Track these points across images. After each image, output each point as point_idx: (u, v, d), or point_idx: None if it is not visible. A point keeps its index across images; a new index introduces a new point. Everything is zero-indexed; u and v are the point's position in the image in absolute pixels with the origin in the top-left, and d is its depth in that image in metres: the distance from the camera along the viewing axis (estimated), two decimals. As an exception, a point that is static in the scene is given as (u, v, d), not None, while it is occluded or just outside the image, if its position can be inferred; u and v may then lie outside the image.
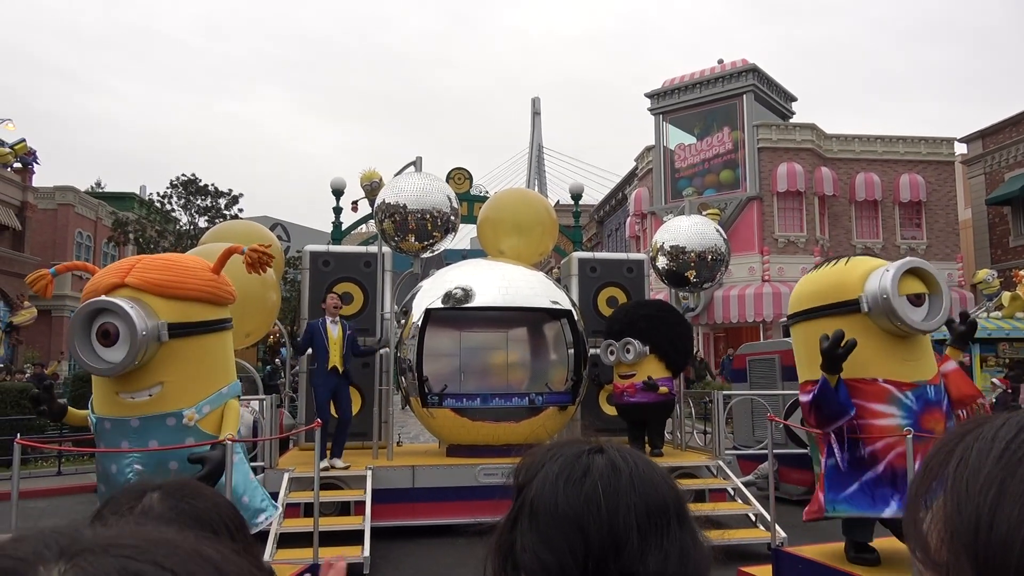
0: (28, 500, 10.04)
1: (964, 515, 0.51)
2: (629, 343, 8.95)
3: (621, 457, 0.91)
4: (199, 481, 1.01)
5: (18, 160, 27.37)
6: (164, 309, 4.53)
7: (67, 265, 5.39)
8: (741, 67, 26.54)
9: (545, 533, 0.85)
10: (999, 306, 14.26)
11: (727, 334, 26.70)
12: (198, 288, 4.70)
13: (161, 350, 4.52)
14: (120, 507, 0.94)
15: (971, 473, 0.53)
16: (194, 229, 25.48)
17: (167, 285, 4.59)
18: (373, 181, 12.27)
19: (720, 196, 25.96)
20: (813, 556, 5.52)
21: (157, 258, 4.97)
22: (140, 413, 4.57)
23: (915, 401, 5.07)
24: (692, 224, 9.89)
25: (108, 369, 4.47)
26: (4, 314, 19.52)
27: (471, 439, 9.06)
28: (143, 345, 4.38)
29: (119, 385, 4.59)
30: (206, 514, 0.94)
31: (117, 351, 4.43)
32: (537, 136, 63.35)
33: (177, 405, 4.59)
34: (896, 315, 4.95)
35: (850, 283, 5.20)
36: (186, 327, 4.61)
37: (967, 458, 0.54)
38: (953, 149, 27.58)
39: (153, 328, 4.44)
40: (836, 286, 5.27)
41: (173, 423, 4.59)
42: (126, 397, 4.59)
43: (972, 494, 0.52)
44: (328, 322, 8.34)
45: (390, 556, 7.37)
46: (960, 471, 0.54)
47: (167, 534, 0.52)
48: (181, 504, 0.94)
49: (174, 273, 4.68)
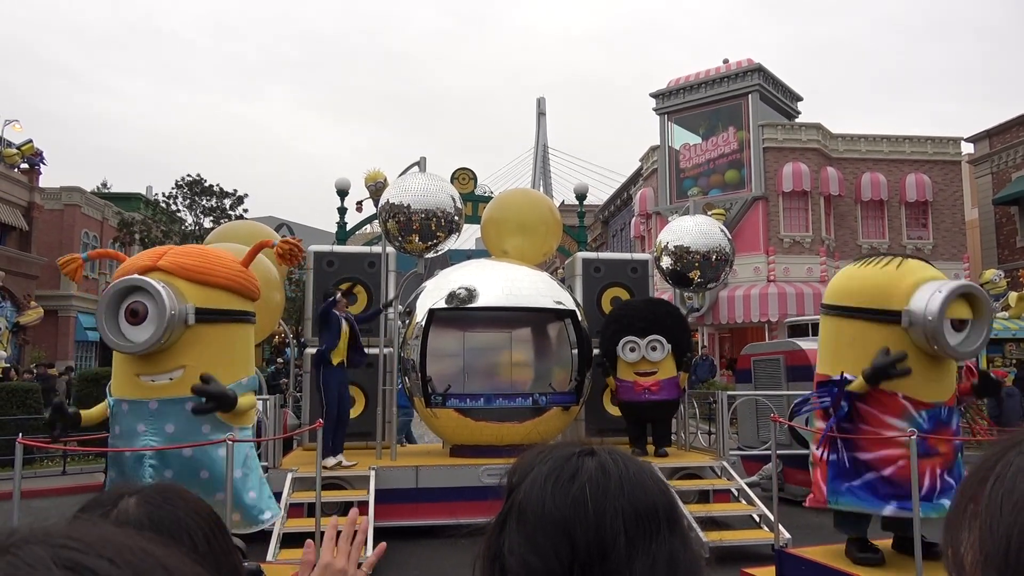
0: (33, 499, 10.08)
1: (996, 536, 0.49)
2: (656, 341, 8.90)
3: (611, 460, 0.89)
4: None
5: (25, 161, 27.48)
6: (193, 294, 4.62)
7: (100, 252, 5.65)
8: (746, 67, 26.48)
9: (532, 536, 0.84)
10: (1006, 306, 14.21)
11: (732, 334, 26.66)
12: (227, 277, 4.81)
13: (186, 334, 4.59)
14: (96, 512, 0.93)
15: (1006, 492, 0.51)
16: (199, 229, 25.55)
17: (197, 270, 4.70)
18: (377, 181, 12.28)
19: (725, 196, 25.91)
20: (817, 557, 5.49)
21: (190, 247, 5.16)
22: (159, 396, 4.63)
23: (927, 420, 5.02)
24: (697, 224, 9.86)
25: (134, 347, 4.53)
26: (11, 314, 19.59)
27: (475, 439, 9.05)
28: (171, 325, 4.46)
29: (141, 367, 4.65)
30: (184, 519, 0.93)
31: (144, 330, 4.51)
32: (542, 136, 63.34)
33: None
34: (936, 339, 4.86)
35: (898, 293, 5.05)
36: (212, 313, 4.70)
37: (1004, 476, 0.52)
38: (959, 149, 27.46)
39: (181, 310, 4.53)
40: (883, 292, 5.12)
41: (191, 407, 4.62)
42: (147, 380, 4.65)
43: (1005, 515, 0.50)
44: (341, 318, 8.39)
45: (394, 557, 7.36)
46: (996, 490, 0.52)
47: (109, 530, 0.51)
48: (158, 510, 0.93)
49: (205, 260, 4.80)
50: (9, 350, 18.59)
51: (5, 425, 13.03)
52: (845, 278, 5.47)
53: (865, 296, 5.21)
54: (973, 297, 5.05)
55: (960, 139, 27.48)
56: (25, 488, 6.17)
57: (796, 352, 10.98)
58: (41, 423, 14.19)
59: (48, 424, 4.96)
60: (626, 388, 9.07)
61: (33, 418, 13.65)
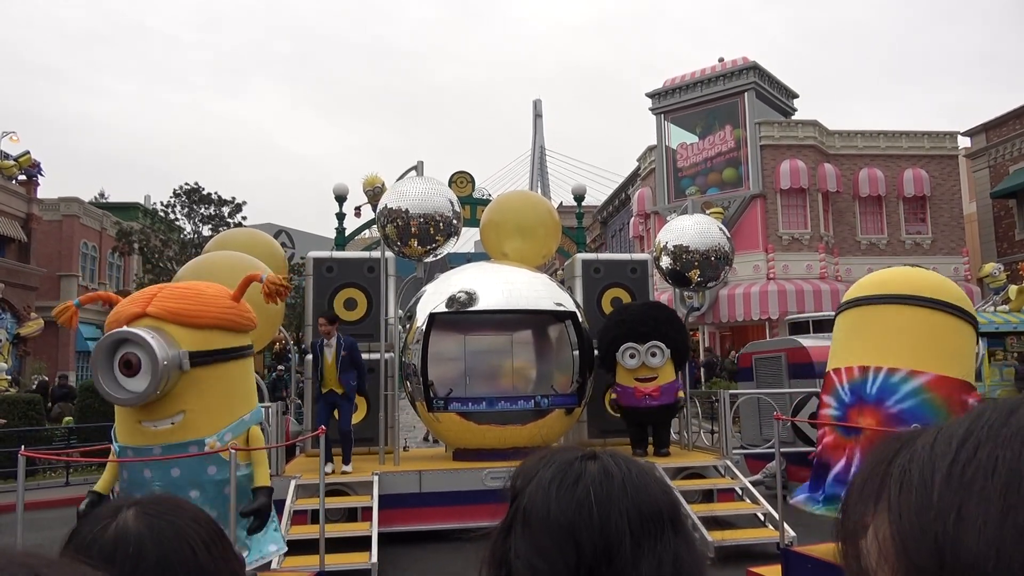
0: (36, 511, 10.06)
1: (924, 547, 0.48)
2: (656, 347, 8.89)
3: (615, 463, 0.89)
4: (182, 502, 1.00)
5: (23, 172, 27.48)
6: (185, 338, 4.57)
7: (90, 296, 5.50)
8: (742, 65, 26.51)
9: (537, 540, 0.84)
10: (1006, 299, 14.19)
11: (733, 333, 26.66)
12: (218, 316, 4.75)
13: (183, 378, 4.55)
14: (95, 525, 0.93)
15: (920, 501, 0.50)
16: (198, 238, 25.54)
17: (188, 314, 4.63)
18: (375, 186, 12.27)
19: (723, 194, 25.93)
20: (823, 555, 5.48)
21: (178, 287, 5.03)
22: (163, 441, 4.61)
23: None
24: (696, 223, 9.86)
25: (130, 399, 4.50)
26: (11, 325, 19.60)
27: (477, 443, 9.05)
28: (165, 374, 4.42)
29: (142, 414, 4.63)
30: (184, 528, 0.93)
31: (139, 381, 4.46)
32: (539, 138, 63.45)
33: (199, 433, 4.62)
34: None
35: (963, 297, 5.40)
36: (207, 355, 4.64)
37: (909, 482, 0.51)
38: (956, 143, 27.49)
39: (175, 357, 4.48)
40: (958, 294, 5.43)
41: (195, 451, 4.62)
42: (149, 425, 4.62)
43: (928, 523, 0.49)
44: (323, 344, 8.37)
45: (398, 562, 7.36)
46: (906, 498, 0.51)
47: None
48: (158, 520, 0.93)
49: (194, 302, 4.72)
50: (10, 361, 18.60)
51: (7, 437, 13.02)
52: (919, 275, 5.71)
53: (949, 295, 5.47)
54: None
55: (957, 133, 27.52)
56: (28, 500, 6.15)
57: (798, 350, 10.98)
58: (43, 434, 14.20)
59: (80, 516, 4.85)
60: (627, 394, 9.08)
61: (37, 429, 13.64)
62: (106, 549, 0.90)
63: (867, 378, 5.11)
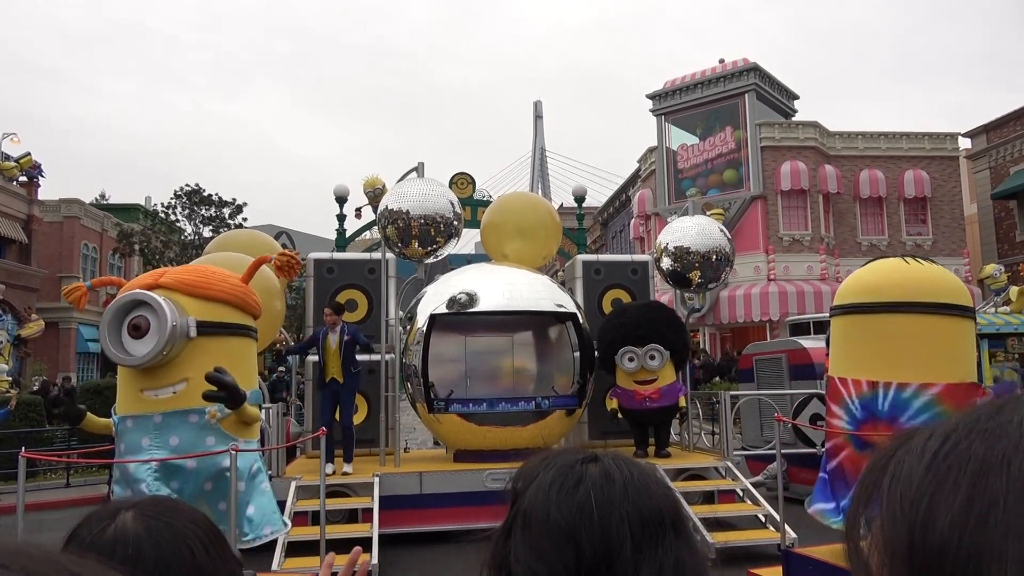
0: (36, 512, 10.06)
1: (899, 533, 0.51)
2: (655, 350, 8.88)
3: (616, 465, 0.89)
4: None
5: (23, 173, 27.50)
6: (194, 308, 4.72)
7: (102, 280, 5.81)
8: (742, 66, 26.51)
9: (537, 543, 0.83)
10: (1007, 301, 14.16)
11: (733, 334, 26.64)
12: (226, 291, 4.92)
13: (188, 347, 4.67)
14: (94, 527, 0.93)
15: (903, 489, 0.52)
16: (199, 239, 25.54)
17: (198, 285, 4.82)
18: (376, 188, 12.26)
19: (724, 196, 25.92)
20: (824, 557, 5.47)
21: (190, 266, 5.34)
22: (163, 409, 4.69)
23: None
24: (696, 224, 9.86)
25: (136, 360, 4.59)
26: (12, 327, 19.60)
27: (478, 444, 9.04)
28: (173, 337, 4.54)
29: (145, 381, 4.71)
30: (182, 530, 0.93)
31: (146, 343, 4.58)
32: (540, 140, 63.48)
33: (200, 402, 4.67)
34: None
35: (963, 290, 5.29)
36: (214, 326, 4.80)
37: (899, 474, 0.54)
38: (957, 144, 27.47)
39: (183, 323, 4.62)
40: (957, 288, 5.30)
41: (195, 420, 4.68)
42: (150, 394, 4.71)
43: (905, 510, 0.51)
44: (327, 332, 8.41)
45: (398, 563, 7.35)
46: (893, 488, 0.53)
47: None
48: (155, 521, 0.93)
49: (205, 276, 4.95)
50: (11, 363, 18.60)
51: (8, 438, 13.02)
52: (917, 272, 5.49)
53: (950, 293, 5.35)
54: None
55: (957, 134, 27.50)
56: (28, 501, 6.15)
57: (799, 351, 10.97)
58: (45, 436, 14.19)
59: (52, 402, 4.98)
60: (626, 396, 9.09)
61: (38, 431, 13.63)
62: (104, 551, 0.90)
63: (877, 394, 5.07)
